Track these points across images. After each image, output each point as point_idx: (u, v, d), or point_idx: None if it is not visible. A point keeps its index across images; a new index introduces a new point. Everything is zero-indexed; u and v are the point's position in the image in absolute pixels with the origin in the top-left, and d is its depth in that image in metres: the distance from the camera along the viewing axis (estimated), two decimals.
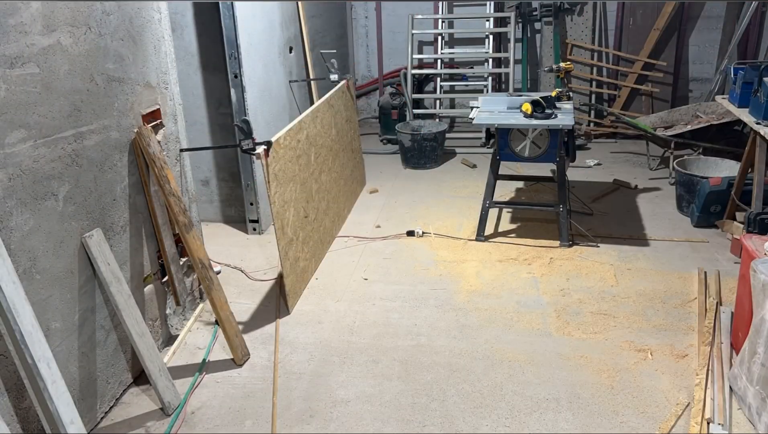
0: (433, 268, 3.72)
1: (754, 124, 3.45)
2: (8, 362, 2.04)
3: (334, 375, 2.79)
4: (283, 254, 3.16)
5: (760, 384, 2.29)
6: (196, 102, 4.16)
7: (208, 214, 4.50)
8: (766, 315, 2.26)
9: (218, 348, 3.02)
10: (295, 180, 3.41)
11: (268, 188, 3.03)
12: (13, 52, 2.01)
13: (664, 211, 4.44)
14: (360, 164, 5.03)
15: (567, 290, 3.40)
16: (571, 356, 2.85)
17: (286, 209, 3.26)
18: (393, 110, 6.29)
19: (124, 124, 2.63)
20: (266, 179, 3.02)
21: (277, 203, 3.13)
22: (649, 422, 2.43)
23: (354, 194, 4.80)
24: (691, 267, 3.60)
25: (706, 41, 6.12)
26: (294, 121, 3.51)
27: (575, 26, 6.19)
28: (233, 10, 3.68)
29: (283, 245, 3.18)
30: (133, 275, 2.73)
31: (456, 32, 6.55)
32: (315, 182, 3.78)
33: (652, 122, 5.42)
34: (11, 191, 2.03)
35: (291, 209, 3.33)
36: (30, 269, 2.13)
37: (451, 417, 2.50)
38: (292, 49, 4.69)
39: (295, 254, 3.37)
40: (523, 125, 3.73)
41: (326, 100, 4.10)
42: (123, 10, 2.59)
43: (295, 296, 3.36)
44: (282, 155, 3.24)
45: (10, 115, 2.01)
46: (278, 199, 3.14)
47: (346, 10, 6.64)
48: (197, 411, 2.60)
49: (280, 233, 3.13)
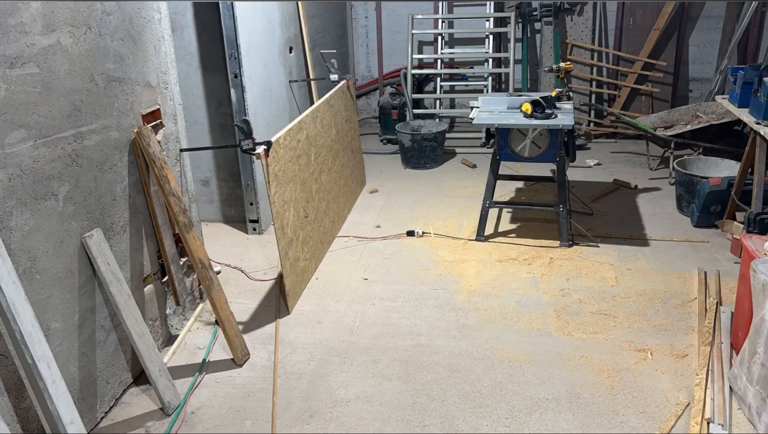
0: (433, 268, 3.72)
1: (754, 124, 3.45)
2: (8, 362, 2.04)
3: (334, 375, 2.78)
4: (283, 254, 3.17)
5: (760, 384, 2.29)
6: (196, 102, 4.16)
7: (208, 214, 4.50)
8: (766, 315, 2.26)
9: (218, 348, 3.02)
10: (295, 180, 3.41)
11: (268, 188, 3.03)
12: (13, 52, 2.01)
13: (664, 211, 4.44)
14: (360, 164, 5.03)
15: (567, 290, 3.40)
16: (571, 356, 2.85)
17: (286, 209, 3.26)
18: (393, 110, 6.29)
19: (124, 124, 2.63)
20: (266, 179, 3.02)
21: (277, 203, 3.13)
22: (649, 422, 2.43)
23: (354, 193, 4.80)
24: (691, 267, 3.60)
25: (706, 41, 6.12)
26: (294, 121, 3.51)
27: (575, 26, 6.19)
28: (233, 10, 3.68)
29: (283, 245, 3.18)
30: (133, 275, 2.73)
31: (456, 32, 6.55)
32: (315, 182, 3.78)
33: (652, 122, 5.42)
34: (11, 191, 2.03)
35: (291, 209, 3.33)
36: (30, 269, 2.13)
37: (451, 417, 2.50)
38: (292, 49, 4.69)
39: (295, 254, 3.37)
40: (523, 125, 3.73)
41: (326, 100, 4.11)
42: (123, 10, 2.59)
43: (295, 296, 3.36)
44: (282, 155, 3.24)
45: (10, 115, 2.01)
46: (278, 199, 3.14)
47: (346, 10, 6.64)
48: (197, 411, 2.60)
49: (280, 233, 3.13)
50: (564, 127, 3.68)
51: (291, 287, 3.27)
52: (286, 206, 3.25)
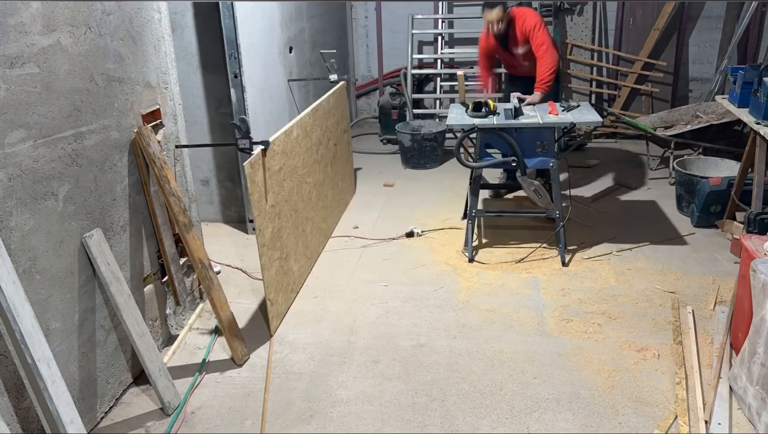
0: (433, 268, 3.72)
1: (754, 124, 3.45)
2: (8, 362, 2.04)
3: (333, 375, 2.79)
4: (267, 264, 3.02)
5: (760, 384, 2.29)
6: (196, 102, 4.16)
7: (208, 214, 4.50)
8: (766, 315, 2.26)
9: (218, 348, 3.02)
10: (291, 179, 3.40)
11: (264, 187, 3.01)
12: (13, 52, 2.01)
13: (664, 211, 4.44)
14: (349, 162, 4.99)
15: (567, 290, 3.40)
16: (571, 356, 2.85)
17: (280, 210, 3.25)
18: (393, 110, 6.29)
19: (124, 124, 2.63)
20: (263, 178, 3.00)
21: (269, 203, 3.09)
22: (649, 422, 2.43)
23: (350, 193, 4.79)
24: (691, 267, 3.60)
25: (706, 41, 6.12)
26: (288, 124, 3.45)
27: (575, 26, 6.19)
28: (233, 10, 3.68)
29: (265, 248, 3.16)
30: (133, 275, 2.73)
31: (456, 32, 6.55)
32: (310, 181, 3.78)
33: (652, 122, 5.42)
34: (11, 191, 2.03)
35: (283, 208, 3.32)
36: (30, 269, 2.13)
37: (451, 417, 2.50)
38: (292, 49, 4.69)
39: (285, 261, 3.36)
40: (467, 124, 3.63)
41: (318, 104, 3.97)
42: (123, 10, 2.59)
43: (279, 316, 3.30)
44: (278, 153, 3.23)
45: (10, 115, 2.01)
46: (270, 198, 3.09)
47: (346, 10, 6.64)
48: (197, 411, 2.60)
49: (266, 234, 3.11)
50: (481, 125, 3.57)
51: (274, 307, 3.12)
52: (278, 207, 3.22)
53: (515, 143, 3.56)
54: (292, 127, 3.40)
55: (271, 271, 3.04)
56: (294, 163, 3.43)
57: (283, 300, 3.26)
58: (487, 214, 4.00)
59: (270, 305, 3.04)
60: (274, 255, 3.10)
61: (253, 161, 2.85)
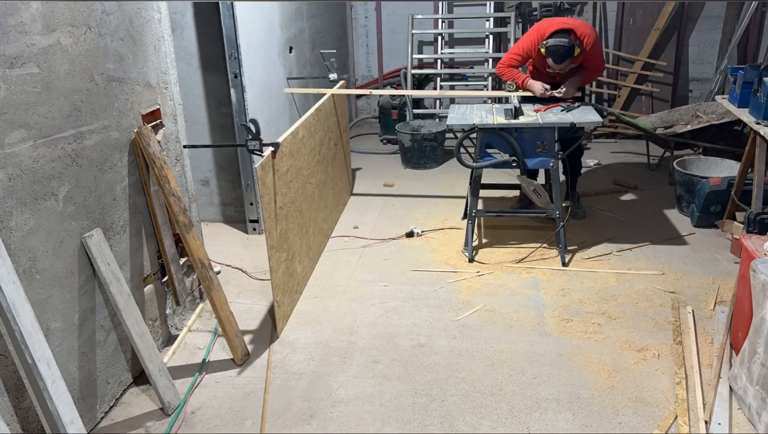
0: (433, 268, 3.72)
1: (754, 124, 3.45)
2: (8, 362, 2.04)
3: (334, 375, 2.79)
4: (275, 266, 3.04)
5: (760, 384, 2.29)
6: (196, 102, 4.16)
7: (208, 214, 4.50)
8: (766, 315, 2.26)
9: (218, 348, 3.02)
10: (297, 180, 3.40)
11: (273, 189, 3.00)
12: (13, 52, 2.01)
13: (664, 211, 4.44)
14: (347, 162, 4.99)
15: (567, 290, 3.40)
16: (571, 356, 2.85)
17: (287, 211, 3.25)
18: (393, 109, 6.29)
19: (124, 124, 2.63)
20: (273, 180, 2.99)
21: (277, 204, 3.10)
22: (649, 422, 2.43)
23: (348, 193, 4.79)
24: (691, 267, 3.60)
25: (706, 41, 6.12)
26: (294, 125, 3.47)
27: None
28: (233, 10, 3.68)
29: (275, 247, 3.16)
30: (133, 275, 2.73)
31: (456, 32, 6.55)
32: (313, 181, 3.78)
33: (652, 121, 5.41)
34: (11, 191, 2.03)
35: (290, 209, 3.32)
36: (30, 269, 2.13)
37: (451, 417, 2.50)
38: (292, 49, 4.69)
39: (291, 262, 3.36)
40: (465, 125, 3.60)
41: (321, 104, 4.00)
42: (123, 10, 2.59)
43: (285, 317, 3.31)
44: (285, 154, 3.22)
45: (10, 115, 2.01)
46: (279, 200, 3.11)
47: (346, 10, 6.64)
48: (197, 411, 2.60)
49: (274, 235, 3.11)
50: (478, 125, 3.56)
51: (281, 308, 3.13)
52: (285, 208, 3.23)
53: (515, 143, 3.57)
54: (298, 127, 3.40)
55: (278, 273, 3.04)
56: (299, 164, 3.43)
57: (289, 302, 3.26)
58: (487, 214, 4.00)
59: (277, 307, 3.03)
60: (281, 257, 3.10)
61: (264, 163, 2.84)
